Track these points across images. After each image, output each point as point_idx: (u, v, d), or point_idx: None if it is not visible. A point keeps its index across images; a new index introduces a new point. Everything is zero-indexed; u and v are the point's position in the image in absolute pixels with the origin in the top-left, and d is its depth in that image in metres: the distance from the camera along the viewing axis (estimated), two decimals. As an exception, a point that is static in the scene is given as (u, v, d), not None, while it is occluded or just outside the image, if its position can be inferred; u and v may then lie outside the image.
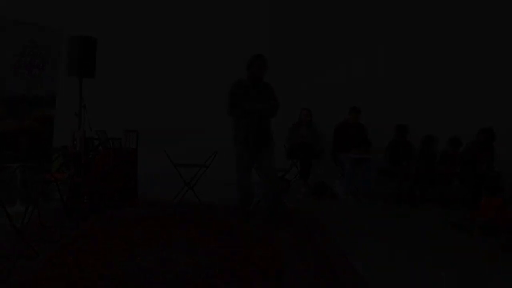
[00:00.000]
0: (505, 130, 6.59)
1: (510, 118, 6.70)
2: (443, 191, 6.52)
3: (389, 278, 3.22)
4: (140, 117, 6.66)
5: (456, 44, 7.16)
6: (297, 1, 7.48)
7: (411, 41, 7.23)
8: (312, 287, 3.02)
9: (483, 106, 6.79)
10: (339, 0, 7.35)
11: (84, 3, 6.96)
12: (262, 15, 7.31)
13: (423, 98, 7.07)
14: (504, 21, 6.97)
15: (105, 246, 3.70)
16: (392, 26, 7.24)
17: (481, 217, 5.01)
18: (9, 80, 4.55)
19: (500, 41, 7.02)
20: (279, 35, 7.27)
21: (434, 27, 7.18)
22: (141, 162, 5.79)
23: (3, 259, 3.25)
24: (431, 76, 7.18)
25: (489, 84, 6.96)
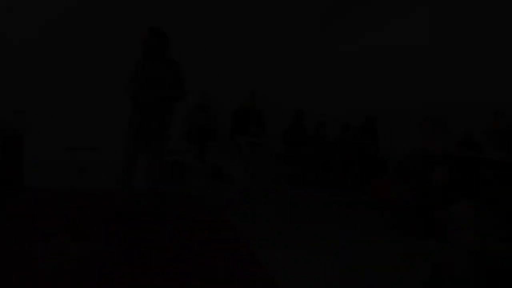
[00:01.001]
0: (387, 117, 7.23)
1: (391, 105, 7.34)
2: (334, 174, 6.99)
3: (292, 265, 3.26)
4: (27, 97, 6.25)
5: (348, 35, 7.58)
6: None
7: (310, 30, 7.51)
8: (212, 275, 3.01)
9: (369, 94, 7.35)
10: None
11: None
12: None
13: (318, 85, 7.43)
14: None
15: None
16: (295, 14, 7.45)
17: (373, 197, 5.46)
18: None
19: (389, 34, 7.57)
20: (176, 14, 7.13)
21: (334, 20, 7.53)
22: (28, 145, 5.46)
23: None
24: (326, 65, 7.55)
25: (375, 74, 7.52)
